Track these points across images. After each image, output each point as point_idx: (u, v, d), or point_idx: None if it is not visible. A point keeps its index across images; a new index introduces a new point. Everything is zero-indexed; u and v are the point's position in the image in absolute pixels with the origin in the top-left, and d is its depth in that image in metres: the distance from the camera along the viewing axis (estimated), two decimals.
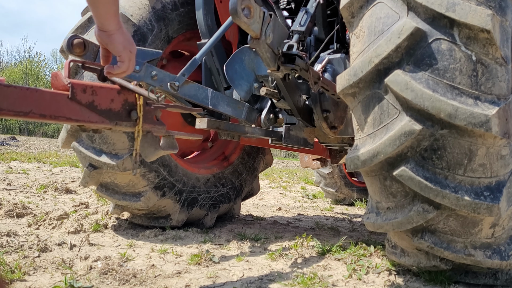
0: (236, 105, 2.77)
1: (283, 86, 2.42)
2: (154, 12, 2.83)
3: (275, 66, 2.10)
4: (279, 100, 2.60)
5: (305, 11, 2.77)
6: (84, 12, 2.91)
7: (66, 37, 1.84)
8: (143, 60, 2.16)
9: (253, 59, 2.65)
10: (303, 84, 2.77)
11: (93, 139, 2.74)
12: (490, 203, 1.65)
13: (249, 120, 2.84)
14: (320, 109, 2.74)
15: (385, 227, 1.92)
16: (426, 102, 1.64)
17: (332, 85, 2.51)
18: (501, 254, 1.79)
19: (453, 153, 1.67)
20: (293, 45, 2.17)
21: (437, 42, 1.66)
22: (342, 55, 2.73)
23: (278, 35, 2.02)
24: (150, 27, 2.80)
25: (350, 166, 1.93)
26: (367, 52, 1.81)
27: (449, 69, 1.65)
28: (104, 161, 2.70)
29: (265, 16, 1.85)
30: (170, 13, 2.92)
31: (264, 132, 2.81)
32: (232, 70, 2.60)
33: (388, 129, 1.76)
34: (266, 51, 1.97)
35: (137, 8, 2.77)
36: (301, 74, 2.25)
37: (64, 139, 2.80)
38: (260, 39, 1.86)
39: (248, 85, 2.71)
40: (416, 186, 1.71)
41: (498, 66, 1.66)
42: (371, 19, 1.83)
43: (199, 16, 2.95)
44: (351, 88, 1.87)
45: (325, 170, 5.70)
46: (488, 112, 1.60)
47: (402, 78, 1.68)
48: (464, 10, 1.60)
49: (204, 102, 2.54)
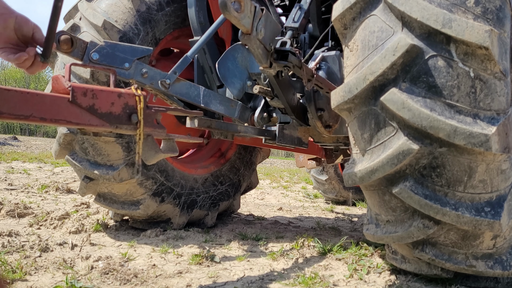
0: (229, 103, 2.71)
1: (276, 84, 2.36)
2: (139, 15, 2.72)
3: (267, 62, 2.03)
4: (273, 99, 2.55)
5: (298, 7, 2.67)
6: (66, 19, 2.80)
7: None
8: (132, 58, 2.08)
9: (246, 56, 2.58)
10: (297, 82, 2.71)
11: (87, 151, 2.69)
12: (491, 219, 1.64)
13: (242, 119, 2.79)
14: (315, 108, 2.69)
15: (385, 239, 1.92)
16: (423, 121, 1.60)
17: (326, 83, 2.45)
18: (502, 264, 1.80)
19: (453, 170, 1.65)
20: (286, 42, 2.10)
21: (434, 58, 1.60)
22: (337, 52, 2.65)
23: (270, 30, 1.95)
24: (136, 31, 2.71)
25: (348, 182, 1.91)
26: (361, 68, 1.75)
27: (446, 87, 1.60)
28: (100, 173, 2.68)
29: (257, 10, 1.77)
30: (155, 14, 2.81)
31: (258, 131, 2.76)
32: (224, 68, 2.53)
33: (386, 146, 1.73)
34: (257, 47, 1.89)
35: (121, 13, 2.66)
36: (295, 72, 2.19)
37: (57, 152, 2.76)
38: (251, 34, 1.78)
39: (241, 83, 2.64)
40: (415, 203, 1.70)
41: (496, 80, 1.60)
42: (364, 32, 1.76)
43: (191, 13, 2.85)
44: (346, 104, 1.82)
45: (322, 177, 5.65)
46: (488, 131, 1.56)
47: (398, 97, 1.63)
48: (460, 27, 1.53)
49: (196, 100, 2.49)
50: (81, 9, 2.65)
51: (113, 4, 2.67)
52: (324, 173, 5.64)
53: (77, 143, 2.70)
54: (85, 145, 2.67)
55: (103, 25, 2.55)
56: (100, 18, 2.56)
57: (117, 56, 2.03)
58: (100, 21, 2.55)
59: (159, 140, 1.81)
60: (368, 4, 1.75)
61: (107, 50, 1.97)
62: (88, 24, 2.60)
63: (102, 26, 2.55)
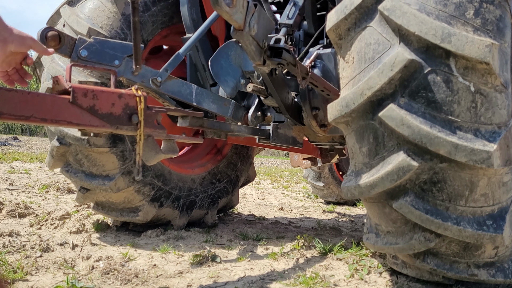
0: (222, 102, 2.65)
1: (270, 82, 2.30)
2: (124, 18, 2.62)
3: (260, 60, 1.97)
4: (267, 97, 2.50)
5: (293, 4, 2.58)
6: (49, 24, 2.69)
7: (39, 29, 1.72)
8: (123, 55, 2.02)
9: (240, 54, 2.50)
10: (291, 81, 2.64)
11: (81, 162, 2.64)
12: (493, 233, 1.63)
13: (236, 118, 2.73)
14: (309, 107, 2.63)
15: (386, 250, 1.91)
16: (423, 138, 1.55)
17: (321, 81, 2.39)
18: (504, 272, 1.79)
19: (454, 185, 1.62)
20: (280, 39, 2.03)
21: (433, 73, 1.54)
22: (332, 50, 2.57)
23: (264, 27, 1.88)
24: (123, 36, 2.61)
25: (347, 195, 1.88)
26: (358, 81, 1.69)
27: (446, 102, 1.55)
28: (96, 184, 2.64)
29: (249, 6, 1.71)
30: (142, 16, 2.71)
31: (251, 131, 2.71)
32: (217, 65, 2.46)
33: (385, 162, 1.69)
34: (250, 44, 1.83)
35: (106, 18, 2.56)
36: (289, 69, 2.13)
37: (50, 163, 2.71)
38: (243, 30, 1.72)
39: (234, 81, 2.57)
40: (416, 218, 1.68)
41: (497, 93, 1.55)
42: (360, 44, 1.69)
43: (184, 10, 2.76)
44: (343, 118, 1.77)
45: (319, 183, 5.61)
46: (489, 147, 1.52)
47: (397, 114, 1.58)
48: (460, 41, 1.47)
49: (188, 99, 2.43)
50: (64, 16, 2.54)
51: (97, 9, 2.56)
52: (320, 179, 5.63)
53: (70, 154, 2.65)
54: (79, 157, 2.62)
55: (88, 32, 2.45)
56: (84, 26, 2.46)
57: (107, 53, 1.96)
58: (84, 29, 2.45)
59: (159, 140, 1.80)
60: (363, 15, 1.67)
61: (96, 47, 1.91)
62: (72, 33, 2.50)
63: (87, 34, 2.45)
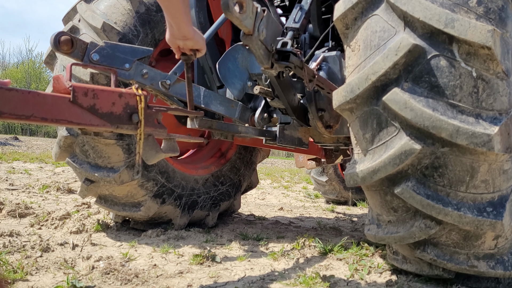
0: (229, 104, 2.71)
1: (277, 85, 2.36)
2: (138, 16, 2.71)
3: (268, 63, 2.03)
4: (273, 99, 2.54)
5: (299, 8, 2.67)
6: (65, 20, 2.79)
7: (53, 34, 1.78)
8: (133, 58, 2.08)
9: (247, 57, 2.58)
10: (297, 83, 2.70)
11: (87, 153, 2.68)
12: (493, 219, 1.64)
13: (243, 120, 2.78)
14: (315, 108, 2.68)
15: (387, 240, 1.92)
16: (426, 121, 1.59)
17: (327, 83, 2.45)
18: (504, 264, 1.80)
19: (455, 170, 1.65)
20: (287, 42, 2.09)
21: (436, 58, 1.59)
22: (337, 52, 2.65)
23: (272, 31, 1.95)
24: (136, 33, 2.70)
25: (350, 182, 1.90)
26: (363, 67, 1.74)
27: (449, 86, 1.59)
28: (101, 175, 2.66)
29: (258, 11, 1.77)
30: (155, 15, 2.80)
31: (258, 132, 2.75)
32: (225, 68, 2.53)
33: (388, 147, 1.72)
34: (259, 48, 1.89)
35: (120, 14, 2.65)
36: (296, 72, 2.19)
37: (57, 154, 2.75)
38: (253, 35, 1.78)
39: (241, 83, 2.64)
40: (417, 204, 1.70)
41: (499, 80, 1.60)
42: (366, 32, 1.76)
43: (192, 13, 2.84)
44: (348, 104, 1.82)
45: (322, 178, 5.61)
46: (490, 131, 1.56)
47: (400, 97, 1.63)
48: (463, 26, 1.53)
49: (196, 101, 2.49)
50: (80, 11, 2.64)
51: (112, 6, 2.66)
52: (324, 174, 5.62)
53: (77, 145, 2.69)
54: (86, 148, 2.66)
55: (102, 27, 2.54)
56: (99, 20, 2.55)
57: (118, 57, 2.03)
58: (99, 23, 2.54)
59: (160, 140, 1.81)
60: (370, 4, 1.75)
61: (107, 51, 1.97)
62: (87, 26, 2.59)
63: (101, 28, 2.54)
